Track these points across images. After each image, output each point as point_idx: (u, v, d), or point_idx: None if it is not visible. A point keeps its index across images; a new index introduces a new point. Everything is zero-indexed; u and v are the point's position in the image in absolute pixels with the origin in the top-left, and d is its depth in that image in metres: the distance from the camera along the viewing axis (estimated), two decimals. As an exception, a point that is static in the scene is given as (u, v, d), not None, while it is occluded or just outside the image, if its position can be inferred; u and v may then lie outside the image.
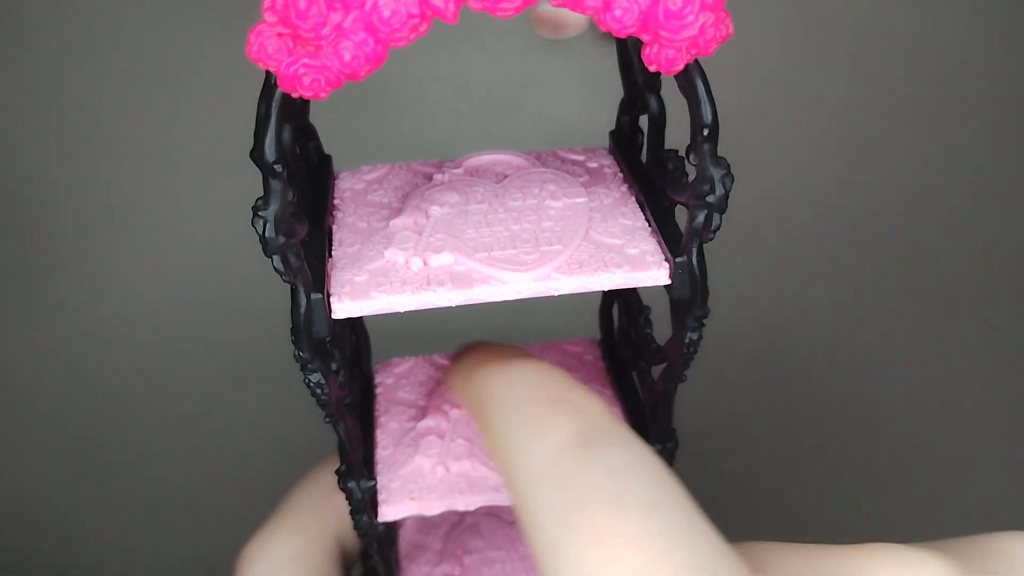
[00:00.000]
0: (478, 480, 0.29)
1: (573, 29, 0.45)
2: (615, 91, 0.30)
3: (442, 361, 0.35)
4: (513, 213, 0.27)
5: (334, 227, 0.27)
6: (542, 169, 0.29)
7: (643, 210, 0.27)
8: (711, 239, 0.24)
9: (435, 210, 0.27)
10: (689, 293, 0.25)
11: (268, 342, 0.27)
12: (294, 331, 0.24)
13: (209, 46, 0.48)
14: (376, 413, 0.32)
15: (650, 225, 0.26)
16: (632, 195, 0.28)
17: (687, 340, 0.26)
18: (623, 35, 0.20)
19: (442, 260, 0.25)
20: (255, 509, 0.34)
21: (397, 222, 0.27)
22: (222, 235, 0.53)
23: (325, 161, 0.30)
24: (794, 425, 0.62)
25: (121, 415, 0.59)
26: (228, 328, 0.55)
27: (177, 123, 0.54)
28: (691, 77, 0.22)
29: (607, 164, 0.30)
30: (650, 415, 0.30)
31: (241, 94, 0.22)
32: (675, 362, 0.27)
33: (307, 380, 0.25)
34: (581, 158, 0.30)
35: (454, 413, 0.32)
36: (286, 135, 0.26)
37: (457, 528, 0.37)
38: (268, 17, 0.19)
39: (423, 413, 0.32)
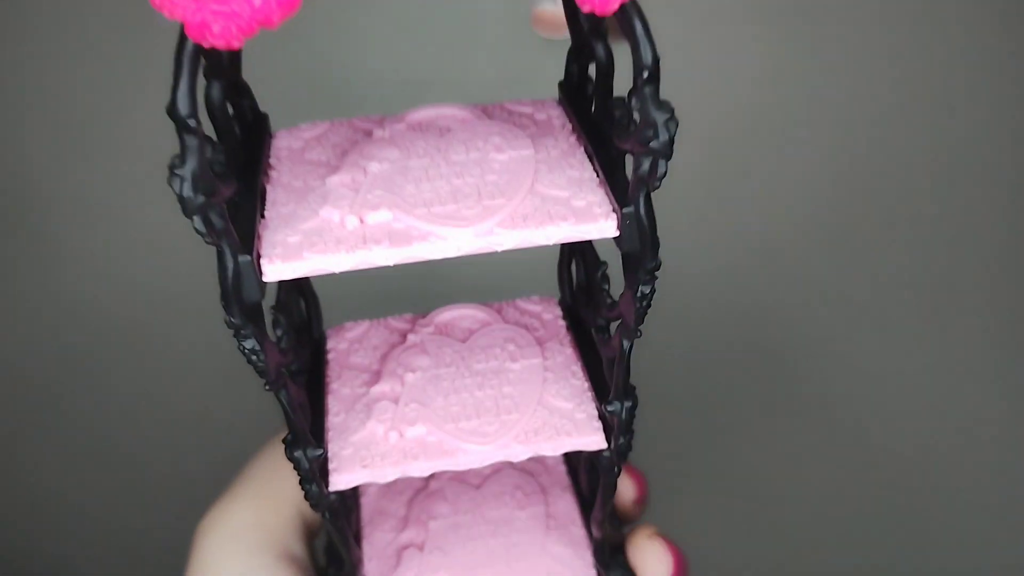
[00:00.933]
0: (433, 445, 0.29)
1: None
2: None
3: (397, 324, 0.34)
4: (455, 167, 0.26)
5: (268, 187, 0.26)
6: (487, 122, 0.28)
7: (591, 160, 0.26)
8: (657, 187, 0.23)
9: (373, 166, 0.26)
10: (638, 244, 0.24)
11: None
12: (223, 296, 0.23)
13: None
14: (327, 379, 0.31)
15: (598, 176, 0.25)
16: (580, 146, 0.27)
17: (639, 294, 0.25)
18: None
19: (379, 217, 0.24)
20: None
21: (333, 179, 0.26)
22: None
23: (261, 119, 0.28)
24: (789, 417, 0.62)
25: (119, 408, 0.59)
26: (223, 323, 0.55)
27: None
28: (628, 17, 0.21)
29: (555, 115, 0.29)
30: (607, 372, 0.29)
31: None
32: (628, 317, 0.26)
33: (241, 347, 0.24)
34: (529, 110, 0.29)
35: (409, 377, 0.31)
36: (215, 92, 0.25)
37: (422, 493, 0.36)
38: (168, -41, 0.18)
39: (376, 378, 0.31)
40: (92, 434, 0.60)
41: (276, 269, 0.23)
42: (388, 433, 0.29)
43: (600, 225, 0.24)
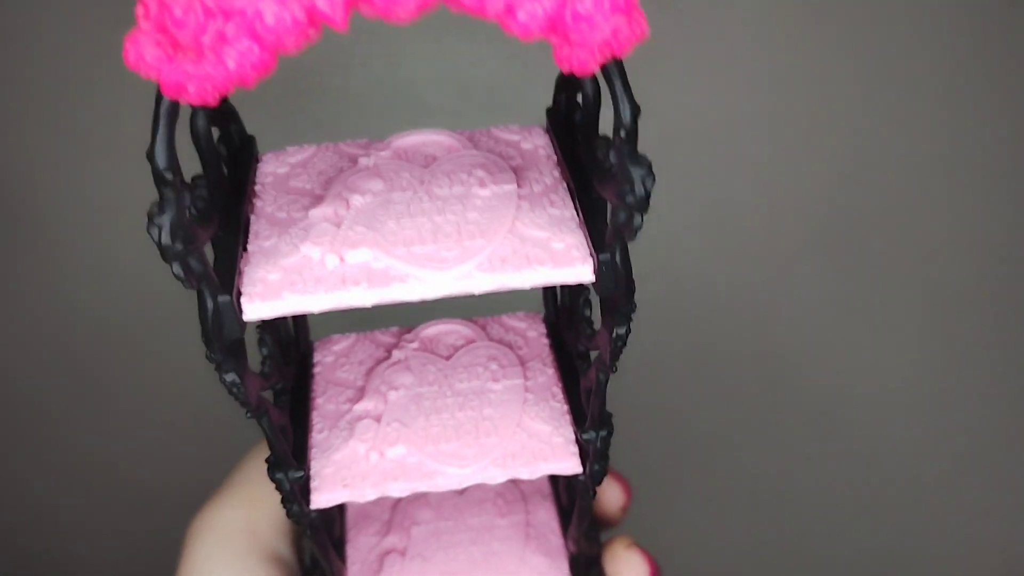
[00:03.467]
0: (412, 466, 0.29)
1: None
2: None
3: (383, 338, 0.34)
4: (438, 202, 0.26)
5: (252, 217, 0.26)
6: (473, 151, 0.28)
7: (573, 198, 0.26)
8: (633, 239, 0.23)
9: (356, 199, 0.26)
10: (614, 289, 0.24)
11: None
12: (203, 334, 0.23)
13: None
14: (313, 394, 0.32)
15: (579, 216, 0.26)
16: (564, 181, 0.27)
17: (614, 335, 0.25)
18: (529, 39, 0.19)
19: (359, 256, 0.24)
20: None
21: (316, 212, 0.26)
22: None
23: (248, 143, 0.28)
24: (790, 423, 0.62)
25: (116, 412, 0.59)
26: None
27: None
28: (610, 77, 0.21)
29: (542, 145, 0.29)
30: (584, 401, 0.29)
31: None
32: (604, 354, 0.26)
33: (222, 379, 0.24)
34: (516, 138, 0.29)
35: (392, 395, 0.31)
36: (200, 120, 0.25)
37: (406, 497, 0.37)
38: (143, 24, 0.18)
39: (360, 395, 0.32)
40: (87, 438, 0.61)
41: (255, 308, 0.23)
42: (369, 453, 0.29)
43: (577, 270, 0.24)
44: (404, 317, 0.35)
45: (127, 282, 0.56)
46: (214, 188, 0.25)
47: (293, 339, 0.33)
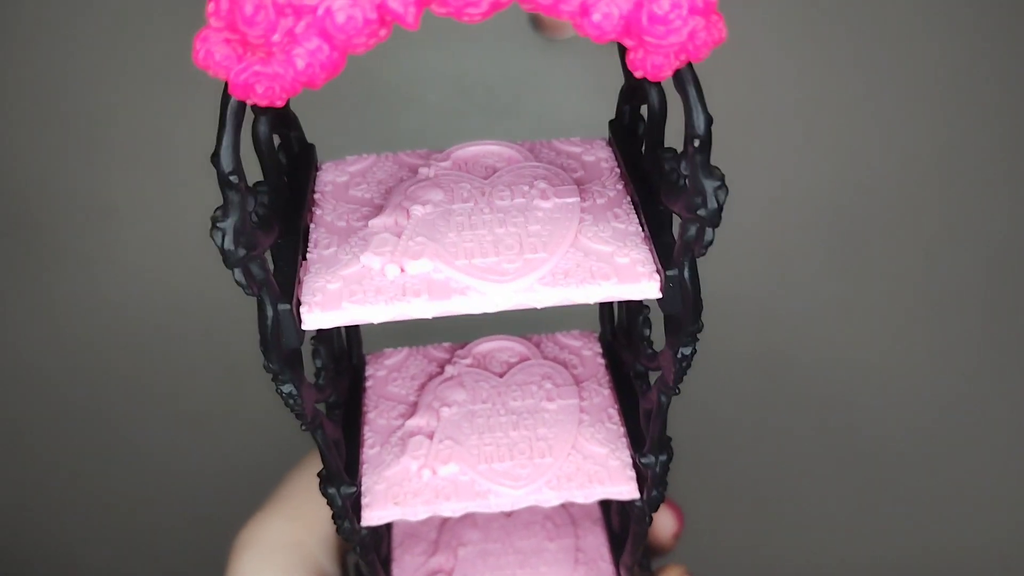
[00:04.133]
0: (465, 485, 0.28)
1: (573, 29, 0.44)
2: (616, 91, 0.28)
3: (436, 353, 0.34)
4: (499, 214, 0.25)
5: (312, 225, 0.26)
6: (534, 163, 0.27)
7: (637, 212, 0.26)
8: (703, 254, 0.22)
9: (417, 210, 0.25)
10: (681, 307, 0.23)
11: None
12: (262, 343, 0.23)
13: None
14: (364, 408, 0.31)
15: (644, 230, 0.25)
16: (627, 194, 0.26)
17: (679, 355, 0.24)
18: (603, 41, 0.19)
19: (420, 267, 0.24)
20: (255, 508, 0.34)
21: (376, 222, 0.25)
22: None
23: (307, 151, 0.28)
24: (795, 427, 0.62)
25: (120, 412, 0.60)
26: (228, 324, 0.54)
27: (177, 120, 0.53)
28: (683, 83, 0.20)
29: (604, 158, 0.28)
30: (643, 422, 0.28)
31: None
32: (668, 374, 0.25)
33: (279, 391, 0.24)
34: (578, 150, 0.28)
35: (445, 412, 0.31)
36: (262, 127, 0.25)
37: (453, 518, 0.36)
38: (214, 22, 0.18)
39: (413, 410, 0.31)
40: (103, 437, 0.61)
41: (315, 318, 0.23)
42: (421, 470, 0.29)
43: (643, 286, 0.23)
44: (456, 331, 0.35)
45: (145, 276, 0.57)
46: (275, 195, 0.25)
47: (346, 351, 0.32)
